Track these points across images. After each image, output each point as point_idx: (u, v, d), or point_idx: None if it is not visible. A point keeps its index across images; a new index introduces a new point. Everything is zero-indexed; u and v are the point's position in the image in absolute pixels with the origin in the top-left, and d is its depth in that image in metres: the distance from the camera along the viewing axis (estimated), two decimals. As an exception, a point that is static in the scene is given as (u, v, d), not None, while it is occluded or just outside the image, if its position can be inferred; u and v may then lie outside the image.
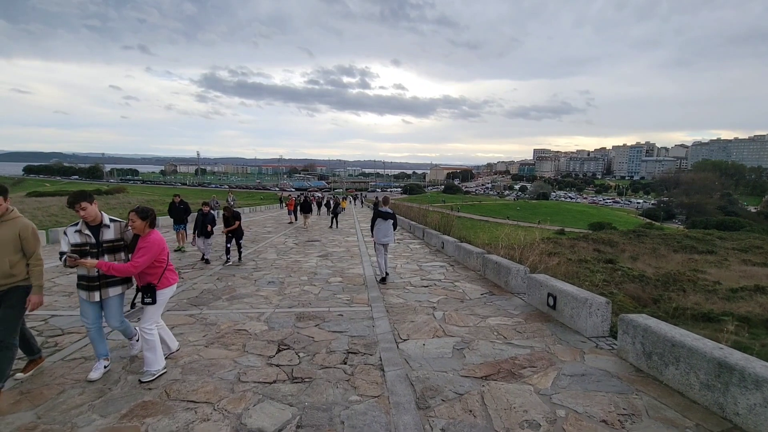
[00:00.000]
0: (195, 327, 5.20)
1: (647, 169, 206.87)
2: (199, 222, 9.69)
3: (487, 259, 7.98)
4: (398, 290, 7.17)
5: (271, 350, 4.43)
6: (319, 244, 13.63)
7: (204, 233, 9.71)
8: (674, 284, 16.46)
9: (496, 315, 5.60)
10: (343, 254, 11.48)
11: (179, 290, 7.10)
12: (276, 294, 6.93)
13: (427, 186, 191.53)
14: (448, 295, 6.72)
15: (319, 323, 5.36)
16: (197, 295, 6.80)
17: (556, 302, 5.27)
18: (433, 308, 5.99)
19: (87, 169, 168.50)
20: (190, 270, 8.97)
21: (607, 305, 4.67)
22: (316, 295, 6.92)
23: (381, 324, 5.30)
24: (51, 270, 8.27)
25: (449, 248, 10.97)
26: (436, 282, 7.77)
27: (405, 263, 9.95)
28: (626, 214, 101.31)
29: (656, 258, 32.84)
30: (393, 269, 9.16)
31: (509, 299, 6.41)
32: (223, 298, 6.62)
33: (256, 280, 8.04)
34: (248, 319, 5.55)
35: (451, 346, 4.49)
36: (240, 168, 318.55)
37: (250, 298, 6.69)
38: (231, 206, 11.46)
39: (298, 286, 7.52)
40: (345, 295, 6.94)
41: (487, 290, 7.04)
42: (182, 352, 4.35)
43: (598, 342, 4.51)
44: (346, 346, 4.58)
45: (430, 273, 8.70)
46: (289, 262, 10.18)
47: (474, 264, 8.88)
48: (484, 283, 7.63)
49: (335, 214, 20.28)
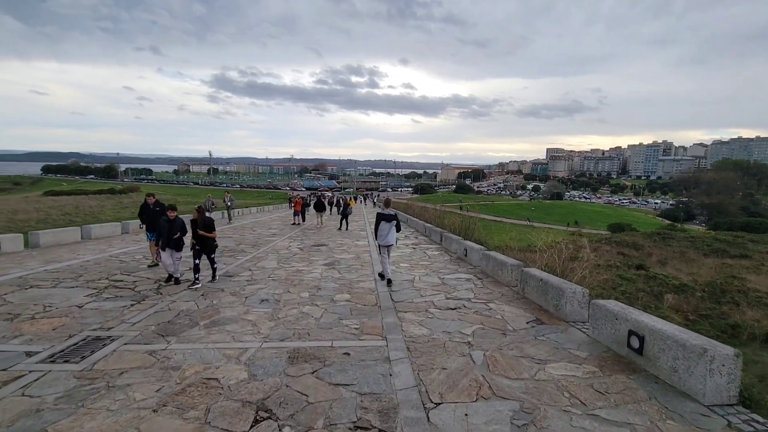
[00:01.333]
0: (150, 373, 3.86)
1: (664, 169, 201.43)
2: (165, 231, 7.40)
3: (528, 275, 6.51)
4: (419, 314, 5.76)
5: (245, 421, 3.06)
6: (326, 249, 12.28)
7: (171, 245, 7.42)
8: (722, 295, 14.68)
9: (557, 359, 4.15)
10: (352, 262, 10.10)
11: (151, 311, 5.81)
12: (268, 318, 5.58)
13: (438, 186, 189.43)
14: (485, 324, 5.28)
15: (317, 368, 3.98)
16: (171, 319, 5.48)
17: (643, 345, 3.81)
18: (468, 344, 4.56)
19: (102, 169, 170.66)
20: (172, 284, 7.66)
21: (736, 359, 3.18)
22: (317, 320, 5.55)
23: (401, 371, 3.90)
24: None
25: (474, 257, 9.51)
26: (465, 303, 6.33)
27: (424, 275, 8.51)
28: (644, 214, 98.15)
29: (686, 263, 30.75)
30: (411, 282, 7.76)
31: (566, 331, 4.95)
32: (202, 324, 5.29)
33: (248, 297, 6.69)
34: (225, 359, 4.20)
35: (506, 418, 3.06)
36: (252, 167, 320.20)
37: (234, 324, 5.34)
38: (207, 209, 9.56)
39: (296, 307, 6.15)
40: (353, 320, 5.55)
41: (533, 316, 5.58)
42: (116, 421, 3.02)
43: (728, 416, 3.04)
44: (353, 413, 3.18)
45: (456, 289, 7.26)
46: (289, 272, 8.83)
47: (508, 278, 7.41)
48: (524, 304, 6.17)
49: (344, 215, 18.95)
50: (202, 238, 7.48)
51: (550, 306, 5.70)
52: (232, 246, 12.68)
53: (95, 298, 6.42)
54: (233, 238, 14.67)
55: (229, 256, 10.84)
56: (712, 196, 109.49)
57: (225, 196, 20.86)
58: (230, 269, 9.04)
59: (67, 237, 12.23)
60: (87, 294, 6.66)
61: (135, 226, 15.73)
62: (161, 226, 7.47)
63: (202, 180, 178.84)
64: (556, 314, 5.51)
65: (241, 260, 10.19)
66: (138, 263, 9.41)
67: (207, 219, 7.51)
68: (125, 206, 33.46)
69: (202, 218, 7.50)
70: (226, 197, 20.62)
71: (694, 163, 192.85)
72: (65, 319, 5.39)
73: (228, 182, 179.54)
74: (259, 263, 9.86)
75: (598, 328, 4.55)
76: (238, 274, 8.59)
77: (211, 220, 7.61)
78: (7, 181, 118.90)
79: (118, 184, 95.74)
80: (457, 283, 7.73)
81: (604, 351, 4.28)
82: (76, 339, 4.72)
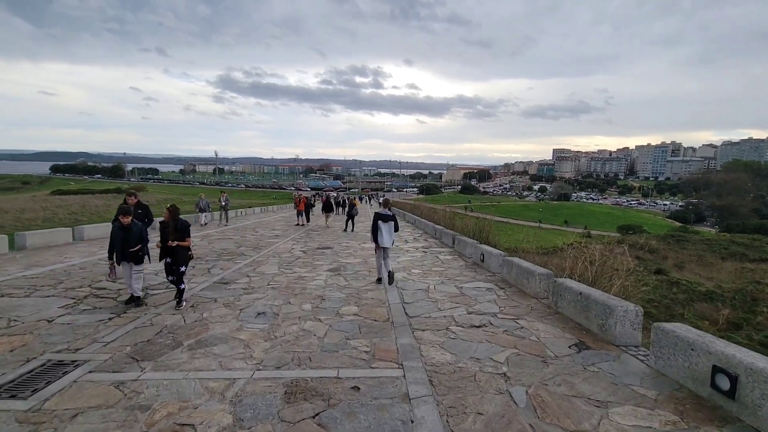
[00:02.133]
0: (111, 416, 3.08)
1: (673, 170, 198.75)
2: (118, 240, 5.73)
3: (561, 286, 5.67)
4: (439, 333, 4.94)
5: (220, 498, 2.27)
6: (331, 253, 11.49)
7: (129, 257, 5.80)
8: (754, 303, 13.75)
9: (620, 399, 3.31)
10: (359, 267, 9.30)
11: (130, 326, 5.05)
12: (263, 337, 4.79)
13: (444, 186, 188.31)
14: (519, 348, 4.45)
15: (320, 410, 3.18)
16: (151, 338, 4.71)
17: (736, 387, 2.97)
18: (504, 377, 3.74)
19: (110, 168, 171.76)
20: (163, 291, 6.90)
21: None
22: (320, 339, 4.75)
23: (425, 417, 3.08)
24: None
25: (492, 263, 8.67)
26: (491, 319, 5.50)
27: (439, 283, 7.69)
28: (653, 216, 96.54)
29: (704, 267, 29.68)
30: (425, 292, 6.95)
31: (619, 359, 4.11)
32: (185, 345, 4.51)
33: (242, 309, 5.91)
34: (207, 395, 3.41)
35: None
36: (257, 167, 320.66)
37: (224, 344, 4.55)
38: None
39: (297, 322, 5.36)
40: (363, 340, 4.75)
41: (574, 337, 4.74)
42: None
43: None
44: (366, 484, 2.38)
45: (477, 300, 6.43)
46: (291, 279, 8.05)
47: (535, 288, 6.57)
48: (560, 322, 5.33)
49: (350, 216, 18.17)
50: (173, 247, 5.81)
51: (593, 325, 4.86)
52: (232, 248, 11.94)
53: (70, 310, 5.67)
54: (234, 240, 13.94)
55: (228, 259, 10.09)
56: (722, 197, 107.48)
57: (221, 196, 19.53)
58: (227, 275, 8.27)
59: (56, 238, 11.53)
60: (62, 305, 5.91)
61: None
62: (114, 235, 5.77)
63: (208, 180, 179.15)
64: (601, 336, 4.67)
65: (240, 264, 9.43)
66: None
67: (181, 222, 5.90)
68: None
69: (175, 221, 5.83)
70: (222, 197, 19.25)
71: (703, 165, 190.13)
72: (28, 337, 4.64)
73: (233, 182, 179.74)
74: (259, 268, 9.10)
75: (665, 359, 3.71)
76: (235, 280, 7.81)
77: (186, 224, 5.97)
78: (16, 180, 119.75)
79: (124, 183, 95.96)
80: (478, 293, 6.90)
81: (676, 389, 3.44)
82: (34, 364, 3.96)
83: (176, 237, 5.79)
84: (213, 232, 16.23)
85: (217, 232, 16.29)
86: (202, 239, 13.76)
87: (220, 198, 19.26)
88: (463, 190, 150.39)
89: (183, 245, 5.88)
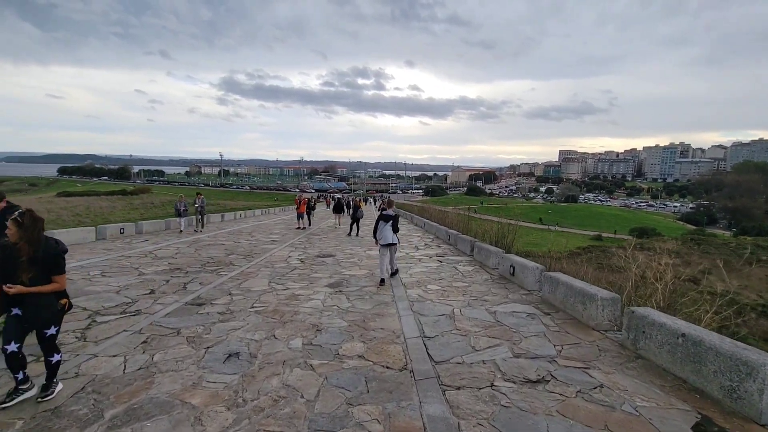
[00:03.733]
0: None
1: (682, 171, 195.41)
2: None
3: (646, 322, 4.09)
4: (482, 396, 3.39)
5: None
6: (332, 262, 9.99)
7: None
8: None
9: None
10: (364, 282, 7.78)
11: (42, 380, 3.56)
12: (226, 403, 3.27)
13: (449, 188, 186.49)
14: (612, 429, 2.91)
15: None
16: (62, 403, 3.22)
17: None
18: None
19: (116, 170, 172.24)
20: (118, 316, 5.41)
21: None
22: (309, 405, 3.23)
23: None
24: None
25: (528, 278, 7.11)
26: (550, 367, 3.93)
27: (465, 305, 6.12)
28: (663, 218, 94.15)
29: (732, 273, 27.87)
30: (450, 319, 5.41)
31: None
32: (107, 419, 3.01)
33: (210, 348, 4.40)
34: None
35: None
36: (262, 169, 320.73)
37: (164, 416, 3.05)
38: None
39: (279, 371, 3.85)
40: (371, 406, 3.22)
41: (690, 408, 3.18)
42: None
43: None
44: None
45: (521, 334, 4.86)
46: (281, 298, 6.54)
47: (597, 317, 4.99)
48: (651, 374, 3.76)
49: (355, 219, 16.67)
50: (22, 296, 3.09)
51: (711, 387, 3.28)
52: (221, 257, 10.47)
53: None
54: (225, 246, 12.48)
55: (212, 271, 8.63)
56: (735, 199, 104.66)
57: (196, 198, 16.21)
58: (205, 292, 6.79)
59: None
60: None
61: (113, 231, 13.71)
62: None
63: (212, 181, 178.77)
64: (730, 407, 3.11)
65: (224, 278, 7.96)
66: (87, 282, 7.23)
67: (48, 245, 3.21)
68: (135, 207, 32.04)
69: (32, 244, 3.11)
70: (198, 199, 16.08)
71: (713, 166, 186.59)
72: None
73: (238, 184, 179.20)
74: (246, 282, 7.61)
75: None
76: (212, 300, 6.32)
77: (57, 249, 3.26)
78: (24, 182, 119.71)
79: (129, 185, 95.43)
80: (518, 321, 5.34)
81: None
82: None
83: (32, 275, 3.09)
84: (204, 237, 14.78)
85: (208, 237, 14.84)
86: (189, 245, 12.32)
87: (195, 200, 16.11)
88: (469, 191, 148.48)
89: (44, 290, 3.15)
